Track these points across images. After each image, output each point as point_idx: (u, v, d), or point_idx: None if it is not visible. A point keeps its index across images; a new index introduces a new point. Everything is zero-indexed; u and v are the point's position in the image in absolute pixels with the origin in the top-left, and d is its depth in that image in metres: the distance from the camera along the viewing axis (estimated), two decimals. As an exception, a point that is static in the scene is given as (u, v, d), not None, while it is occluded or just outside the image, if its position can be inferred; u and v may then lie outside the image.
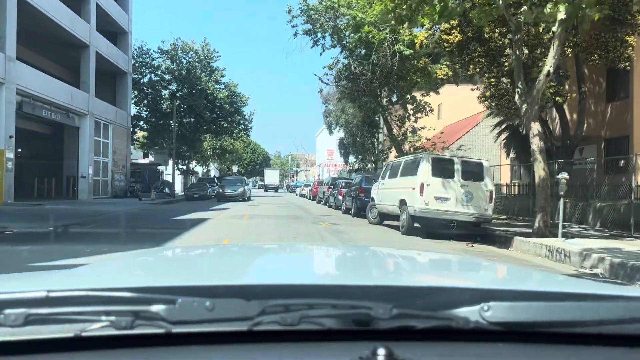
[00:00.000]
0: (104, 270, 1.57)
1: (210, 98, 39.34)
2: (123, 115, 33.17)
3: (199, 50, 39.10)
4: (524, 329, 0.95)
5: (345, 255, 2.21)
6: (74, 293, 0.92)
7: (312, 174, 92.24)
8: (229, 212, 20.74)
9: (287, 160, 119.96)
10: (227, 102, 39.98)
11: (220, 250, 2.50)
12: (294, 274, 1.53)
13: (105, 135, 30.40)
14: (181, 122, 40.66)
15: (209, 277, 1.43)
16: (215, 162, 64.83)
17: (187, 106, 37.94)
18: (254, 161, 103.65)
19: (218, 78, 40.04)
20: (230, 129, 40.99)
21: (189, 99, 37.86)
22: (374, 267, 1.84)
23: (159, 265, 1.74)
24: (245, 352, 0.90)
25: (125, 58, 33.22)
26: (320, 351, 0.91)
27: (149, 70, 37.82)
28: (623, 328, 0.97)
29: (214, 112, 40.61)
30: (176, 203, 29.14)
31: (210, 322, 0.89)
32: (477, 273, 1.75)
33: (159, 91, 38.54)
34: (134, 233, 12.92)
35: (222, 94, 39.80)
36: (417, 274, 1.79)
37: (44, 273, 1.60)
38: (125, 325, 0.87)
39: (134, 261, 1.83)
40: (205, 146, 53.97)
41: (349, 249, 3.03)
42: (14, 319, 0.85)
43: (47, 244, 10.04)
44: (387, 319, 0.91)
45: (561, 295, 1.06)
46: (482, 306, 0.94)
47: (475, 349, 0.94)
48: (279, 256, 2.12)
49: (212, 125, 41.13)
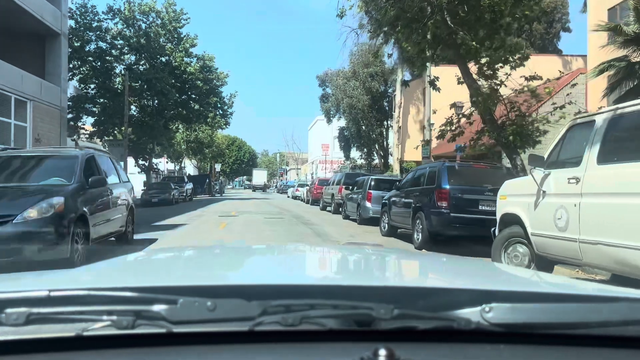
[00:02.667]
0: (105, 270, 1.56)
1: (177, 72, 30.51)
2: (53, 92, 24.09)
3: (161, 12, 30.19)
4: (525, 331, 0.94)
5: (347, 256, 2.18)
6: (75, 292, 0.92)
7: (303, 172, 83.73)
8: (183, 231, 12.12)
9: (274, 158, 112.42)
10: (200, 79, 31.16)
11: (221, 251, 2.46)
12: (295, 274, 1.54)
13: (20, 117, 21.46)
14: (141, 105, 31.78)
15: (211, 277, 1.42)
16: (193, 158, 55.92)
17: (146, 83, 29.04)
18: (240, 159, 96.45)
19: (187, 47, 31.22)
20: (204, 114, 32.09)
21: (150, 73, 29.01)
22: (375, 268, 1.83)
23: (161, 265, 1.74)
24: (246, 352, 0.89)
25: (57, 14, 24.14)
26: (322, 352, 0.90)
27: (95, 36, 28.80)
28: (626, 330, 0.95)
29: (183, 91, 31.79)
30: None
31: (211, 322, 0.88)
32: (478, 274, 1.70)
33: (110, 63, 29.54)
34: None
35: (193, 67, 30.96)
36: (419, 275, 1.77)
37: (45, 272, 1.54)
38: (126, 325, 0.86)
39: (135, 261, 1.82)
40: (178, 138, 45.09)
41: (350, 250, 2.90)
42: (16, 318, 0.85)
43: None
44: (388, 320, 0.90)
45: (563, 297, 1.08)
46: (484, 307, 0.93)
47: (476, 350, 0.93)
48: (281, 256, 2.09)
49: (181, 110, 32.30)
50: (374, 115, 38.16)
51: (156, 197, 25.17)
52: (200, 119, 32.49)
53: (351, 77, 37.87)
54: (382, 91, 39.11)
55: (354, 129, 38.65)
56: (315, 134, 72.06)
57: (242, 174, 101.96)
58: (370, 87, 37.12)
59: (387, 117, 40.73)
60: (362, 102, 36.20)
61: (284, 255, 2.12)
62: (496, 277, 1.69)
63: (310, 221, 16.29)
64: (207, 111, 31.76)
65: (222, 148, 62.08)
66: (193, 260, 1.85)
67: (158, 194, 25.45)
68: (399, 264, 1.94)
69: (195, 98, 32.16)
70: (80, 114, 29.41)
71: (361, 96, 36.31)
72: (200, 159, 58.65)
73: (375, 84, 37.40)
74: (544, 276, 1.70)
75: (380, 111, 39.42)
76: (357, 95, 36.22)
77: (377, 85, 37.62)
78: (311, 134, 78.82)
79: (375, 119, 38.38)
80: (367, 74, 37.18)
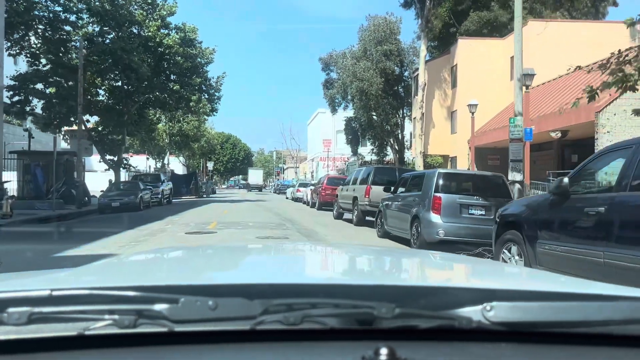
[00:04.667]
0: (107, 269, 1.56)
1: (150, 45, 24.65)
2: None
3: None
4: (526, 329, 0.94)
5: (348, 255, 2.16)
6: (77, 292, 0.92)
7: (302, 171, 77.99)
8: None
9: (271, 157, 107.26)
10: (180, 54, 25.30)
11: (222, 250, 2.43)
12: (296, 274, 1.53)
13: None
14: (110, 88, 25.89)
15: (212, 276, 1.42)
16: (180, 155, 49.95)
17: (111, 56, 23.16)
18: (235, 157, 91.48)
19: (164, 16, 25.35)
20: (186, 97, 26.13)
21: (116, 44, 23.14)
22: (376, 267, 1.82)
23: (162, 264, 1.74)
24: (247, 351, 0.89)
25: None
26: (323, 350, 0.90)
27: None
28: (627, 328, 0.95)
29: (159, 70, 25.91)
30: (67, 220, 14.77)
31: (213, 321, 0.88)
32: (480, 273, 1.68)
33: (67, 34, 23.62)
34: None
35: (172, 40, 25.07)
36: (420, 273, 1.74)
37: (47, 272, 1.48)
38: (128, 324, 0.86)
39: (137, 260, 1.82)
40: (161, 130, 39.17)
41: (352, 249, 2.76)
42: (18, 317, 0.85)
43: None
44: (389, 319, 0.90)
45: (564, 295, 1.07)
46: (485, 306, 0.93)
47: (478, 349, 0.93)
48: (282, 255, 2.07)
49: (158, 93, 26.43)
50: (389, 101, 32.33)
51: (117, 200, 19.34)
52: (180, 102, 26.49)
53: (362, 56, 32.02)
54: (398, 74, 33.31)
55: (365, 119, 32.74)
56: (316, 128, 66.26)
57: (237, 173, 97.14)
58: (384, 68, 31.27)
59: (403, 105, 34.95)
60: (375, 85, 30.36)
61: (285, 255, 2.11)
62: (497, 275, 1.67)
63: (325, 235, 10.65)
64: (189, 93, 25.78)
65: (213, 144, 56.01)
66: (194, 260, 1.83)
67: (120, 197, 19.61)
68: (400, 262, 1.89)
69: (175, 79, 26.28)
70: (29, 97, 23.51)
71: (374, 78, 30.46)
72: (189, 156, 52.72)
73: (391, 65, 31.55)
74: (545, 274, 1.66)
75: (395, 97, 33.62)
76: (369, 78, 30.37)
77: (392, 66, 31.77)
78: (311, 129, 72.93)
79: (391, 106, 32.54)
80: (381, 53, 31.39)
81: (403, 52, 32.92)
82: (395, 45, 32.13)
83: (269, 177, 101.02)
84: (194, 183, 37.34)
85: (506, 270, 1.95)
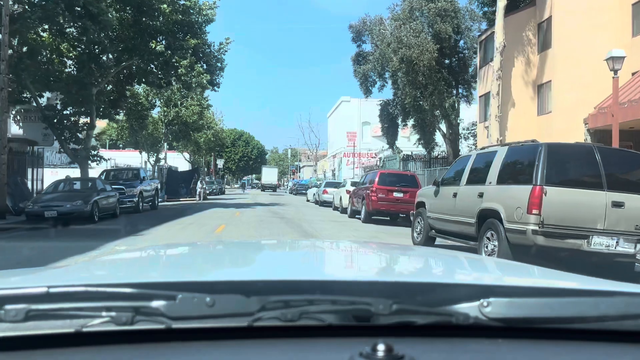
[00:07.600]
0: (104, 266, 1.56)
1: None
2: None
3: None
4: (523, 325, 0.94)
5: (346, 252, 2.17)
6: (74, 289, 0.92)
7: (320, 169, 70.74)
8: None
9: (285, 155, 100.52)
10: (167, 2, 18.18)
11: (220, 247, 2.40)
12: (294, 270, 1.51)
13: None
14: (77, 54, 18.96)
15: (209, 273, 1.43)
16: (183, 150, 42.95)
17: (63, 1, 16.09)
18: (247, 155, 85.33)
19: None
20: (175, 63, 18.96)
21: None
22: (373, 263, 1.83)
23: (160, 261, 1.73)
24: (245, 347, 0.89)
25: None
26: (320, 347, 0.90)
27: None
28: (623, 324, 0.96)
29: (139, 27, 18.85)
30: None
31: (210, 317, 0.88)
32: (477, 269, 1.70)
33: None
34: None
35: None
36: (417, 270, 1.74)
37: (44, 269, 1.52)
38: (125, 321, 0.86)
39: (134, 257, 1.80)
40: (156, 117, 32.16)
41: (349, 245, 2.78)
42: (15, 314, 0.84)
43: None
44: (387, 315, 0.90)
45: (561, 291, 1.08)
46: (482, 302, 0.93)
47: (475, 344, 0.93)
48: (279, 252, 2.08)
49: (137, 59, 19.38)
50: (443, 76, 24.88)
51: (54, 208, 12.27)
52: (168, 71, 19.30)
53: (407, 18, 24.70)
54: (453, 43, 25.91)
55: (410, 100, 25.25)
56: (338, 120, 58.90)
57: (249, 172, 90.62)
58: (438, 31, 23.86)
59: (457, 83, 27.52)
60: (427, 54, 22.91)
61: (282, 251, 2.10)
62: (494, 272, 1.68)
63: None
64: (178, 57, 18.60)
65: (222, 137, 48.91)
66: (192, 257, 1.82)
67: (61, 203, 12.52)
68: (398, 259, 1.91)
69: (160, 39, 19.18)
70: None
71: (426, 44, 23.03)
72: (194, 151, 45.73)
73: (447, 27, 24.11)
74: (541, 271, 1.68)
75: (450, 72, 26.21)
76: (420, 44, 22.95)
77: (449, 30, 24.31)
78: (332, 121, 65.53)
79: (445, 82, 25.06)
80: (434, 12, 24.02)
81: (459, 13, 25.54)
82: (450, 4, 24.77)
83: (283, 176, 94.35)
84: (195, 182, 30.30)
85: (503, 266, 1.91)
